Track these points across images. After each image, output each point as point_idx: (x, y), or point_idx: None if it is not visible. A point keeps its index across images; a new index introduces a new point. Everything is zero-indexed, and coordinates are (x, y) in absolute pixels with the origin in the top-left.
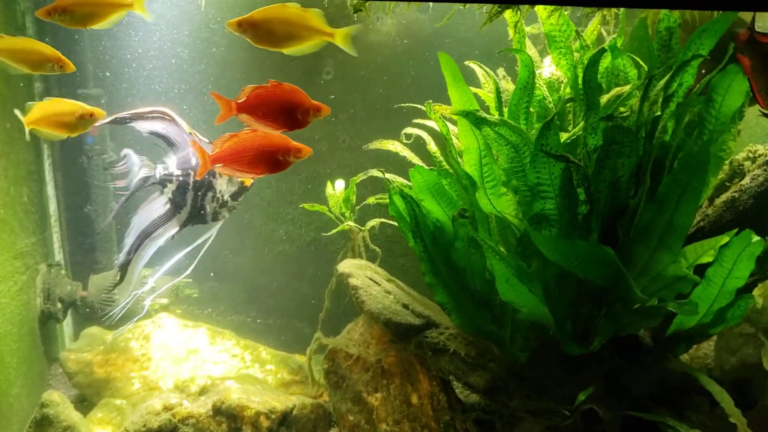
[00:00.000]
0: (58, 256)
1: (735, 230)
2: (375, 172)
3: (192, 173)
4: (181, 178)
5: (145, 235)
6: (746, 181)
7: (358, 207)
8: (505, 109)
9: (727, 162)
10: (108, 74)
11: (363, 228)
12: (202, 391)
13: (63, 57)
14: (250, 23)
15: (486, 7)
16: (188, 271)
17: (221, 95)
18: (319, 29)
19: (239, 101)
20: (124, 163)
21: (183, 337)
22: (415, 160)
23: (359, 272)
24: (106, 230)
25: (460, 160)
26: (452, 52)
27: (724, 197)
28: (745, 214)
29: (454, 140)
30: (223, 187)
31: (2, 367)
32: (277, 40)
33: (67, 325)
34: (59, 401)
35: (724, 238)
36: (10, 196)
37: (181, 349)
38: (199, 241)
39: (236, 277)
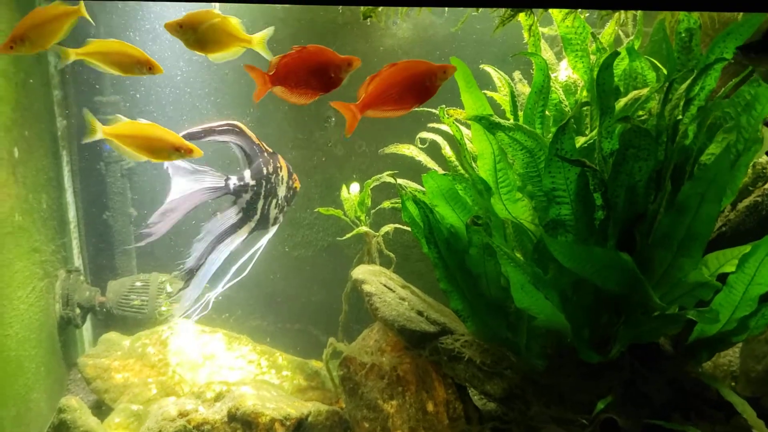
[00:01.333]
0: (77, 261)
1: (759, 240)
2: (387, 177)
3: (264, 182)
4: (255, 188)
5: (217, 243)
6: None
7: (373, 211)
8: (521, 113)
9: (750, 165)
10: (126, 80)
11: (377, 233)
12: (218, 397)
13: (152, 59)
14: (189, 26)
15: (500, 11)
16: (243, 275)
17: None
18: (237, 36)
19: (270, 74)
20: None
21: (200, 342)
22: (431, 164)
23: (373, 279)
24: (126, 237)
25: (474, 164)
26: (468, 56)
27: (746, 202)
28: None
29: (468, 145)
30: (283, 192)
31: (21, 372)
32: (207, 44)
33: (86, 330)
34: (77, 407)
35: (747, 248)
36: (28, 203)
37: (197, 354)
38: (256, 247)
39: (253, 283)
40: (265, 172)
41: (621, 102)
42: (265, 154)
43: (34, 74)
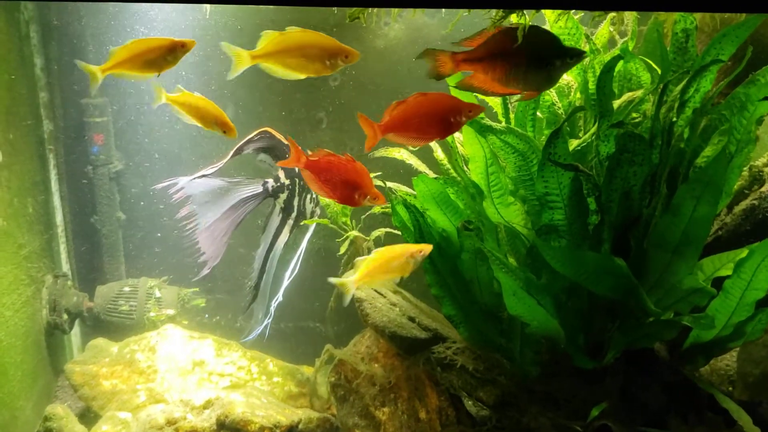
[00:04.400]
0: (65, 266)
1: (755, 244)
2: (376, 181)
3: (297, 179)
4: (290, 186)
5: (269, 250)
6: (766, 188)
7: (364, 216)
8: (512, 116)
9: (746, 168)
10: (113, 83)
11: (368, 238)
12: (207, 405)
13: (227, 120)
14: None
15: (491, 12)
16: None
17: (367, 119)
18: None
19: (383, 123)
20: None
21: (189, 348)
22: (422, 167)
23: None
24: (114, 241)
25: (466, 168)
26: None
27: (743, 205)
28: (765, 222)
29: (460, 148)
30: None
31: (6, 380)
32: None
33: (75, 335)
34: (63, 415)
35: (744, 252)
36: (13, 207)
37: (187, 361)
38: (303, 244)
39: (244, 286)
40: (297, 169)
41: (615, 104)
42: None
43: (19, 76)
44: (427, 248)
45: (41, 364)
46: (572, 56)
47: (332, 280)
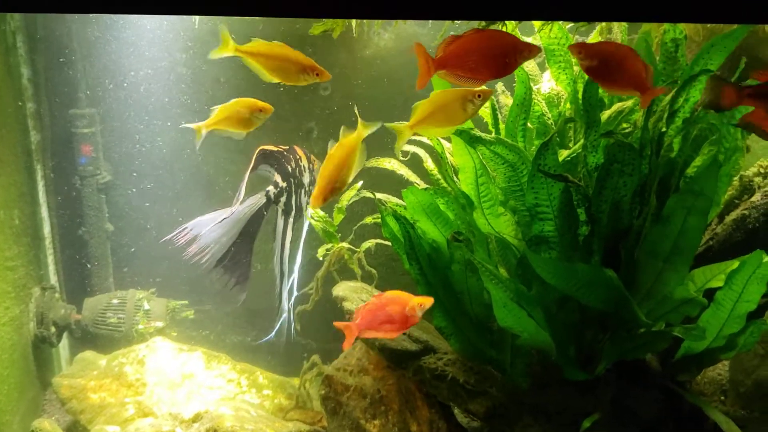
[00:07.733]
0: (53, 278)
1: (746, 256)
2: (366, 193)
3: (292, 179)
4: (287, 189)
5: (281, 254)
6: (757, 197)
7: (356, 227)
8: (502, 126)
9: (736, 178)
10: (100, 93)
11: (358, 249)
12: (196, 418)
13: (318, 66)
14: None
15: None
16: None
17: (424, 51)
18: None
19: (438, 58)
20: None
21: (178, 361)
22: (413, 177)
23: (354, 296)
24: (102, 253)
25: (456, 178)
26: None
27: (733, 215)
28: (756, 232)
29: (450, 158)
30: (307, 179)
31: None
32: None
33: (63, 348)
34: (50, 429)
35: (735, 263)
36: None
37: (176, 374)
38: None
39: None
40: (290, 169)
41: (605, 114)
42: (284, 152)
43: (6, 86)
44: (486, 92)
45: (28, 377)
46: None
47: (390, 125)
